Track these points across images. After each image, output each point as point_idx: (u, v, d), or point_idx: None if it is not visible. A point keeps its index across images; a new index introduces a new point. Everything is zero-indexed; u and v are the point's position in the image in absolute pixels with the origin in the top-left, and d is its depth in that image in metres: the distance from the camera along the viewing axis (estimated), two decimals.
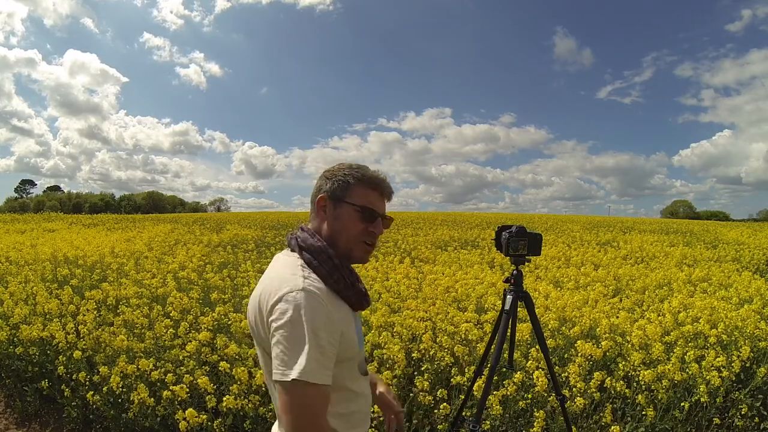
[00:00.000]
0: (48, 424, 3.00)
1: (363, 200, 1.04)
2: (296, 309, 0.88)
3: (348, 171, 1.05)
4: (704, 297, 4.27)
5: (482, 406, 1.87)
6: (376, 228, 1.05)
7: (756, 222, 40.03)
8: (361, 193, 1.04)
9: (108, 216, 26.65)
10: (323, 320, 0.90)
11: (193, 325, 3.28)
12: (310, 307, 0.89)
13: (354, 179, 1.04)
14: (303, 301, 0.89)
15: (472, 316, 3.28)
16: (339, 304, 1.00)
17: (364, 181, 1.05)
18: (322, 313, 0.91)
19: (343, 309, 1.01)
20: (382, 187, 1.06)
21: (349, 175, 1.04)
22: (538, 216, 31.23)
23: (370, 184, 1.05)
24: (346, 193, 1.04)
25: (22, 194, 67.61)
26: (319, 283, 0.96)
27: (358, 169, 1.06)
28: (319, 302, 0.91)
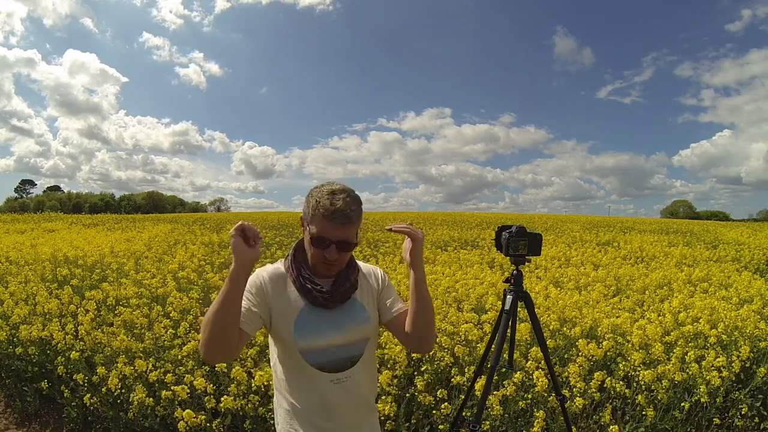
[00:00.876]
0: (48, 424, 3.00)
1: (317, 229, 1.18)
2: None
3: (314, 199, 1.19)
4: (704, 297, 4.27)
5: (482, 406, 1.87)
6: (329, 254, 1.19)
7: (756, 222, 40.02)
8: (317, 222, 1.18)
9: (108, 216, 26.63)
10: (251, 287, 1.21)
11: (193, 325, 3.28)
12: (252, 278, 1.24)
13: (314, 209, 1.19)
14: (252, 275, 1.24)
15: (472, 316, 3.28)
16: (289, 290, 1.25)
17: (319, 212, 1.17)
18: (252, 284, 1.22)
19: (290, 295, 1.24)
20: (332, 217, 1.16)
21: (313, 204, 1.19)
22: (538, 216, 31.23)
23: (324, 215, 1.17)
24: (309, 219, 1.21)
25: (22, 194, 67.63)
26: (275, 269, 1.28)
27: (320, 198, 1.18)
28: (255, 276, 1.24)
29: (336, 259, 1.20)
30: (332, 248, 1.19)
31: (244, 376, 2.44)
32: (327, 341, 1.23)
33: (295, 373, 1.24)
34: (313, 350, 1.22)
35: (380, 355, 2.65)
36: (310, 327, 1.22)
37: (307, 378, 1.23)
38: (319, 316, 1.23)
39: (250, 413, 2.40)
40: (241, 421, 2.43)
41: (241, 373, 2.43)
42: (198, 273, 5.14)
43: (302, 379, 1.24)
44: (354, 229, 1.21)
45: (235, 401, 2.33)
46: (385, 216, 24.46)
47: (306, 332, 1.21)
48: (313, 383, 1.23)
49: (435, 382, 2.66)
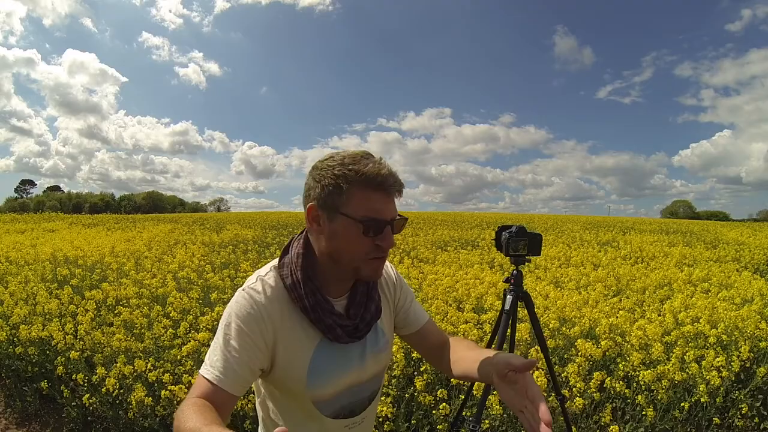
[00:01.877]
0: (48, 424, 3.00)
1: (363, 209, 0.81)
2: (233, 310, 0.84)
3: (340, 170, 0.81)
4: (704, 297, 4.26)
5: (482, 406, 1.87)
6: (385, 240, 0.83)
7: (756, 222, 40.03)
8: (359, 199, 0.81)
9: (108, 216, 26.66)
10: (245, 323, 0.82)
11: (193, 325, 3.28)
12: (238, 308, 0.83)
13: (348, 182, 0.80)
14: (240, 304, 0.84)
15: (472, 316, 3.28)
16: (301, 323, 0.87)
17: (361, 183, 0.80)
18: (247, 317, 0.82)
19: (299, 327, 0.87)
20: (385, 185, 0.81)
21: (341, 176, 0.80)
22: (538, 216, 31.24)
23: (370, 185, 0.80)
24: (340, 200, 0.81)
25: (22, 194, 67.67)
26: (275, 290, 0.87)
27: (353, 164, 0.81)
28: (250, 305, 0.83)
29: (391, 247, 0.85)
30: (388, 232, 0.83)
31: None
32: (346, 383, 0.92)
33: (300, 422, 0.93)
34: (331, 398, 0.91)
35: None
36: (328, 370, 0.89)
37: (316, 428, 0.93)
38: (336, 353, 0.90)
39: (250, 413, 2.40)
40: (241, 421, 2.43)
41: None
42: (198, 273, 5.15)
43: (310, 429, 0.93)
44: None
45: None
46: None
47: (323, 378, 0.89)
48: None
49: (435, 382, 2.66)
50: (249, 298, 0.84)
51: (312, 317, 0.86)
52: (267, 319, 0.84)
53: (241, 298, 0.85)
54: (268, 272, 0.90)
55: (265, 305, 0.84)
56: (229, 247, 7.82)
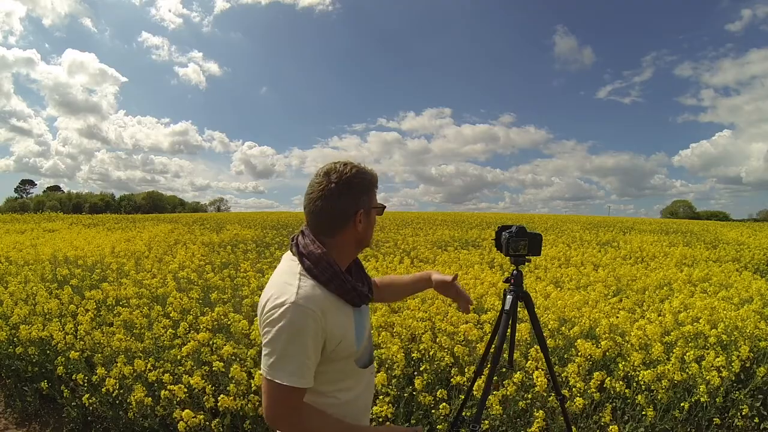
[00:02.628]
0: (48, 424, 3.00)
1: (376, 201, 1.18)
2: (287, 322, 0.99)
3: (361, 178, 1.12)
4: (704, 297, 4.26)
5: (482, 406, 1.87)
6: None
7: (756, 222, 40.05)
8: (374, 195, 1.17)
9: (108, 216, 26.67)
10: (310, 332, 1.01)
11: (193, 326, 3.28)
12: (299, 320, 1.00)
13: (369, 185, 1.15)
14: (292, 315, 1.00)
15: (472, 316, 3.28)
16: (341, 307, 1.09)
17: (374, 185, 1.17)
18: (311, 325, 1.01)
19: (344, 311, 1.10)
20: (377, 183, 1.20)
21: (366, 183, 1.14)
22: (538, 216, 31.26)
23: (376, 185, 1.19)
24: (368, 201, 1.14)
25: (22, 194, 67.67)
26: (315, 290, 1.05)
27: (363, 174, 1.14)
28: (306, 315, 1.01)
29: None
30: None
31: (243, 376, 2.44)
32: (367, 337, 1.22)
33: (346, 381, 1.16)
34: (363, 352, 1.18)
35: (378, 355, 2.65)
36: (363, 331, 1.17)
37: (357, 381, 1.19)
38: (363, 317, 1.19)
39: (250, 413, 2.40)
40: (240, 421, 2.43)
41: (240, 373, 2.43)
42: (198, 273, 5.15)
43: (352, 384, 1.17)
44: None
45: (234, 401, 2.33)
46: (385, 216, 24.41)
47: (361, 338, 1.16)
48: (361, 382, 1.20)
49: (434, 382, 2.66)
50: (299, 307, 1.01)
51: (349, 297, 1.10)
52: (319, 316, 1.02)
53: (293, 310, 1.00)
54: (300, 281, 1.07)
55: (313, 306, 1.02)
56: (228, 247, 7.82)
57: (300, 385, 1.01)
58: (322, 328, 1.03)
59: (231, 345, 2.74)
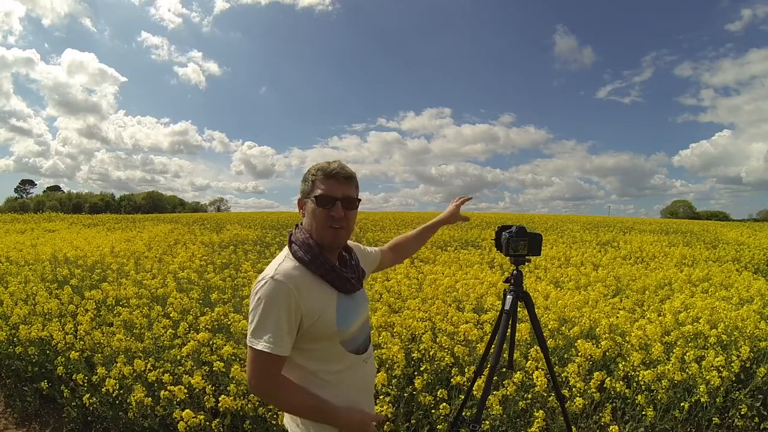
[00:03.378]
0: (48, 424, 3.00)
1: (321, 190, 1.20)
2: (263, 293, 1.11)
3: (312, 170, 1.22)
4: (704, 297, 4.26)
5: (482, 406, 1.87)
6: (336, 212, 1.19)
7: (756, 222, 40.04)
8: (319, 185, 1.20)
9: (108, 216, 26.68)
10: (283, 304, 1.11)
11: (193, 326, 3.28)
12: (273, 292, 1.11)
13: (313, 176, 1.21)
14: (268, 287, 1.11)
15: (472, 316, 3.28)
16: (322, 288, 1.20)
17: (319, 175, 1.21)
18: (283, 298, 1.11)
19: (326, 292, 1.20)
20: (335, 174, 1.20)
21: (312, 173, 1.21)
22: (538, 216, 31.25)
23: (326, 176, 1.20)
24: (310, 189, 1.21)
25: (22, 194, 67.65)
26: (296, 270, 1.17)
27: (317, 167, 1.22)
28: (282, 288, 1.11)
29: (342, 217, 1.20)
30: (338, 205, 1.19)
31: (243, 376, 2.44)
32: (359, 324, 1.27)
33: (335, 364, 1.23)
34: (352, 337, 1.24)
35: (378, 355, 2.65)
36: (349, 315, 1.23)
37: (346, 365, 1.24)
38: (348, 303, 1.24)
39: (250, 413, 2.40)
40: (241, 421, 2.43)
41: (241, 373, 2.43)
42: (198, 273, 5.14)
43: (341, 368, 1.23)
44: (355, 188, 1.25)
45: (234, 401, 2.33)
46: (384, 216, 24.45)
47: (347, 321, 1.22)
48: (351, 368, 1.25)
49: (435, 382, 2.66)
50: (275, 281, 1.12)
51: (329, 278, 1.20)
52: (293, 291, 1.12)
53: (271, 285, 1.12)
54: (284, 260, 1.20)
55: (287, 282, 1.13)
56: (229, 248, 7.82)
57: (274, 352, 1.09)
58: (296, 303, 1.12)
59: (231, 345, 2.74)
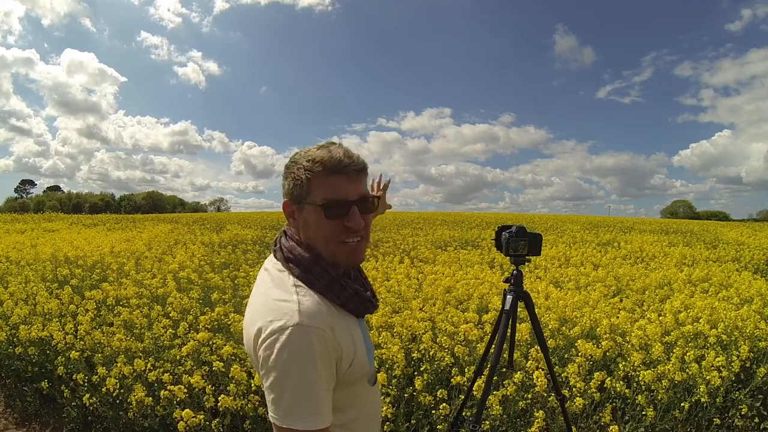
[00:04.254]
0: (48, 424, 3.00)
1: (326, 192, 0.84)
2: (292, 350, 0.77)
3: (304, 161, 0.85)
4: (704, 297, 4.26)
5: (482, 406, 1.87)
6: (353, 222, 0.85)
7: (756, 222, 40.05)
8: (321, 185, 0.84)
9: (108, 216, 26.67)
10: (323, 357, 0.80)
11: (193, 326, 3.28)
12: (306, 345, 0.78)
13: (308, 172, 0.84)
14: (297, 340, 0.77)
15: (472, 316, 3.28)
16: (345, 319, 0.88)
17: (321, 170, 0.84)
18: (319, 350, 0.79)
19: (350, 322, 0.89)
20: (346, 168, 0.85)
21: (306, 167, 0.85)
22: (538, 216, 31.27)
23: (330, 170, 0.84)
24: (304, 191, 0.86)
25: (22, 194, 67.68)
26: (317, 304, 0.83)
27: (310, 156, 0.85)
28: (316, 336, 0.79)
29: (363, 227, 0.87)
30: (354, 211, 0.85)
31: (243, 376, 2.44)
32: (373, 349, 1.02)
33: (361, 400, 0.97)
34: (372, 369, 0.99)
35: (378, 355, 2.65)
36: (368, 344, 0.96)
37: (365, 397, 0.98)
38: (365, 328, 0.97)
39: (250, 413, 2.40)
40: (240, 421, 2.43)
41: (240, 373, 2.43)
42: (198, 273, 5.14)
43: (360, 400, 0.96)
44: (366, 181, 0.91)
45: (234, 401, 2.33)
46: (384, 216, 24.44)
47: (370, 352, 0.96)
48: (371, 401, 1.01)
49: (435, 382, 2.66)
50: (306, 329, 0.79)
51: (353, 305, 0.89)
52: (329, 336, 0.81)
53: (299, 333, 0.78)
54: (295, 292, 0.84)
55: (322, 327, 0.80)
56: (229, 247, 7.82)
57: (322, 426, 0.79)
58: (333, 349, 0.82)
59: (231, 345, 2.74)
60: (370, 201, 0.89)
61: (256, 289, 0.91)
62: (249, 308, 0.89)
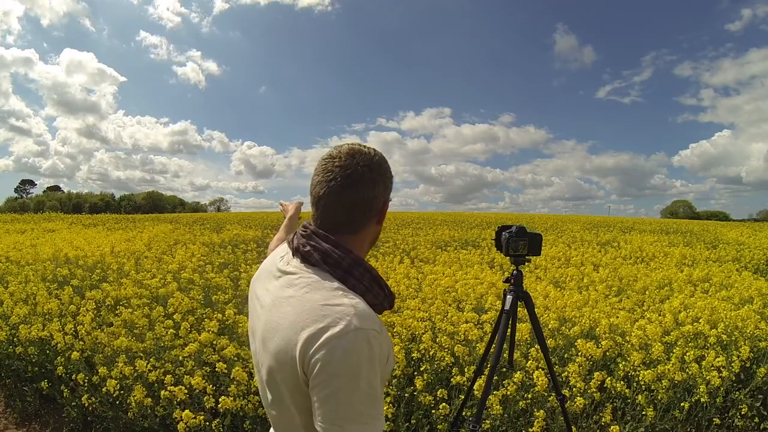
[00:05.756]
0: (48, 424, 3.00)
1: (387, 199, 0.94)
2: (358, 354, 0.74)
3: (389, 172, 0.93)
4: (704, 297, 4.26)
5: (482, 405, 1.87)
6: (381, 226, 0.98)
7: (756, 222, 40.06)
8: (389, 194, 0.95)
9: (108, 216, 26.69)
10: (380, 362, 0.78)
11: (194, 326, 3.28)
12: (368, 350, 0.75)
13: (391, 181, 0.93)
14: (361, 344, 0.74)
15: (472, 316, 3.28)
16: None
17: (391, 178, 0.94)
18: (378, 355, 0.77)
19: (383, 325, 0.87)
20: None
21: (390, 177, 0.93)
22: (538, 216, 31.28)
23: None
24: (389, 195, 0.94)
25: (22, 194, 67.68)
26: (366, 305, 0.80)
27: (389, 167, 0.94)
28: (375, 341, 0.76)
29: None
30: None
31: (244, 376, 2.44)
32: None
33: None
34: None
35: None
36: None
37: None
38: None
39: (250, 413, 2.40)
40: (240, 421, 2.43)
41: (241, 373, 2.43)
42: (199, 273, 5.14)
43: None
44: None
45: (234, 401, 2.33)
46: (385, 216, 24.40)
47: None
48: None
49: (435, 382, 2.66)
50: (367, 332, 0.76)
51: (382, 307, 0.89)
52: (383, 340, 0.79)
53: (361, 341, 0.75)
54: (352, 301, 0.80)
55: (378, 330, 0.78)
56: (229, 247, 7.82)
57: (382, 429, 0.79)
58: (386, 349, 0.80)
59: (234, 346, 2.74)
60: None
61: (281, 291, 0.86)
62: (278, 312, 0.83)
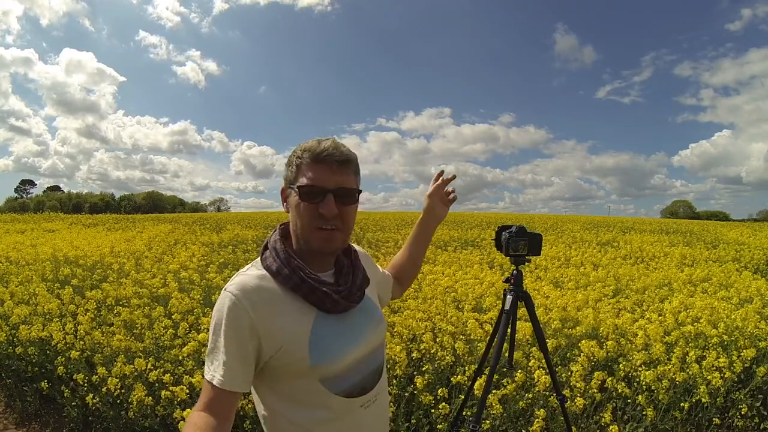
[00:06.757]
0: (48, 424, 3.00)
1: (306, 178, 0.90)
2: (216, 308, 0.89)
3: (298, 152, 0.93)
4: (705, 297, 4.26)
5: (482, 405, 1.87)
6: (326, 208, 0.89)
7: (756, 222, 40.08)
8: (305, 171, 0.91)
9: (108, 216, 26.70)
10: (233, 325, 0.85)
11: (194, 326, 3.28)
12: (221, 309, 0.87)
13: (298, 159, 0.92)
14: (220, 301, 0.88)
15: (472, 316, 3.28)
16: (293, 304, 0.90)
17: (305, 158, 0.91)
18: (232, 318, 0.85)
19: (297, 309, 0.90)
20: (328, 158, 0.90)
21: (297, 155, 0.92)
22: (538, 216, 31.28)
23: (314, 159, 0.90)
24: (293, 177, 0.93)
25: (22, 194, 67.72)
26: (259, 280, 0.90)
27: (303, 147, 0.93)
28: (231, 304, 0.85)
29: (336, 215, 0.90)
30: (329, 199, 0.89)
31: None
32: (352, 357, 0.94)
33: (315, 410, 0.91)
34: (339, 374, 0.92)
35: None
36: (330, 343, 0.91)
37: (333, 413, 0.92)
38: (334, 327, 0.92)
39: (250, 413, 2.40)
40: (241, 421, 2.43)
41: None
42: (199, 273, 5.14)
43: (326, 417, 0.92)
44: (353, 175, 0.95)
45: None
46: (385, 216, 24.45)
47: (327, 352, 0.90)
48: (341, 416, 0.93)
49: (435, 382, 2.66)
50: (228, 295, 0.87)
51: (303, 293, 0.90)
52: (249, 309, 0.86)
53: (223, 298, 0.88)
54: (249, 268, 0.95)
55: (241, 296, 0.86)
56: (229, 247, 7.82)
57: (217, 384, 0.83)
58: (250, 325, 0.85)
59: None
60: (348, 192, 0.93)
61: None
62: None
